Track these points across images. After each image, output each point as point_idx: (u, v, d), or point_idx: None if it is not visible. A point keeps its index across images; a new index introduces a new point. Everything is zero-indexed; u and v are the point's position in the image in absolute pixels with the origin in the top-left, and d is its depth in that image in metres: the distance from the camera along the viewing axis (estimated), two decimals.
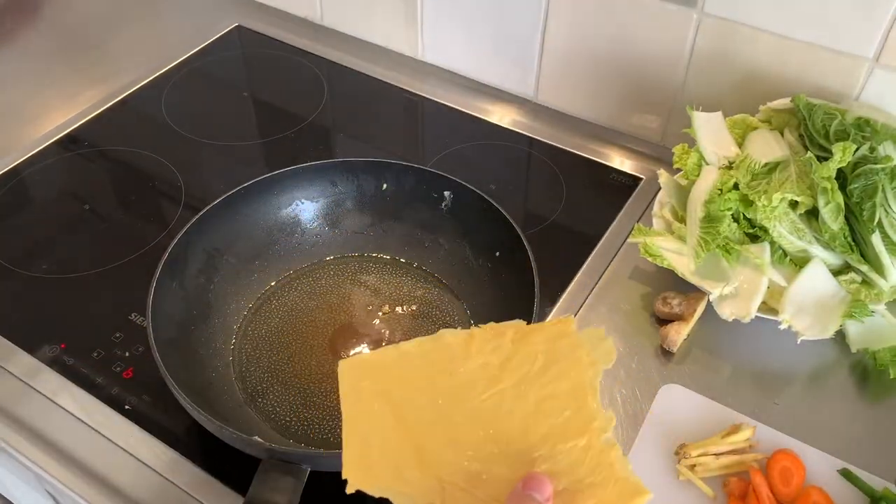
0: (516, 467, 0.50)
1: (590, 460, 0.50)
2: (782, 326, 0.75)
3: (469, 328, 0.55)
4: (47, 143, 1.03)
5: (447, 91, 1.13)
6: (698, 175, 0.83)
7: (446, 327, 0.80)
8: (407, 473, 0.50)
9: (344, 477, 0.50)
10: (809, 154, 0.78)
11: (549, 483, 0.47)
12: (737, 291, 0.77)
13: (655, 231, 0.84)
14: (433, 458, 0.50)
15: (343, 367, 0.54)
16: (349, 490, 0.49)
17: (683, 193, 0.85)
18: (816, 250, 0.78)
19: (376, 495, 0.49)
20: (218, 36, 1.23)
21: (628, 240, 0.87)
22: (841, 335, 0.79)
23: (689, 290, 0.81)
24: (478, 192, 0.82)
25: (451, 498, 0.49)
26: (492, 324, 0.55)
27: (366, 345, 0.80)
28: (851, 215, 0.77)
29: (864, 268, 0.77)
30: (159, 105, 1.10)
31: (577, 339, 0.54)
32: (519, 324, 0.55)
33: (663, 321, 0.82)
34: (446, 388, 0.53)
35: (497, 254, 0.81)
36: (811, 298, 0.76)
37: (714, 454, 0.69)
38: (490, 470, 0.50)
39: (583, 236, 0.92)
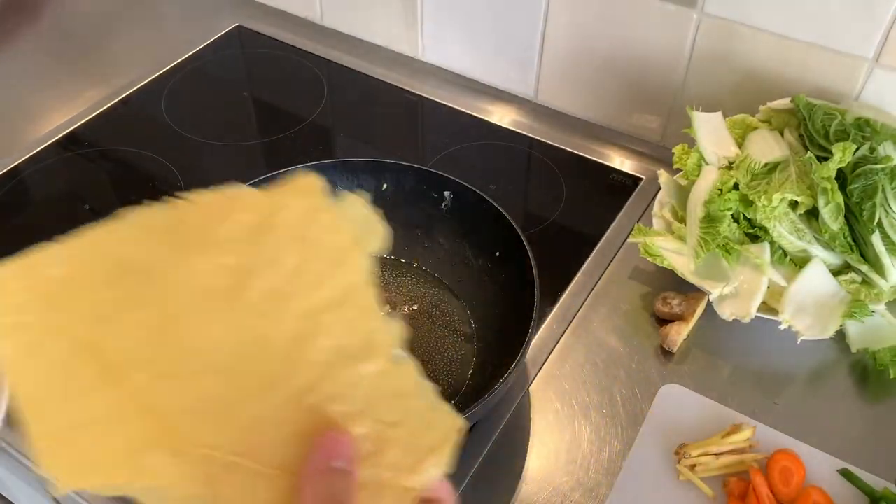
0: (299, 417, 0.34)
1: (386, 391, 0.37)
2: (782, 326, 0.75)
3: (178, 202, 0.38)
4: (47, 143, 1.03)
5: (447, 91, 1.13)
6: (698, 175, 0.83)
7: (447, 327, 0.80)
8: (148, 458, 0.32)
9: (48, 474, 0.33)
10: (809, 154, 0.78)
11: (351, 441, 0.35)
12: (737, 291, 0.77)
13: (655, 231, 0.84)
14: (179, 427, 0.33)
15: None
16: (59, 492, 0.34)
17: (683, 193, 0.85)
18: (816, 250, 0.78)
19: (110, 494, 0.33)
20: (218, 36, 1.23)
21: (628, 240, 0.87)
22: (841, 335, 0.78)
23: (689, 290, 0.81)
24: (478, 192, 0.82)
25: (222, 479, 0.33)
26: (210, 195, 0.39)
27: None
28: (851, 215, 0.77)
29: (864, 268, 0.77)
30: (159, 105, 1.10)
31: (334, 215, 0.39)
32: (251, 196, 0.38)
33: (663, 321, 0.82)
34: (163, 310, 0.35)
35: (497, 254, 0.81)
36: (811, 298, 0.76)
37: (714, 454, 0.69)
38: (265, 427, 0.34)
39: (583, 236, 0.92)
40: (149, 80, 1.14)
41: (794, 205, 0.78)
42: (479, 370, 0.77)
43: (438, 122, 1.09)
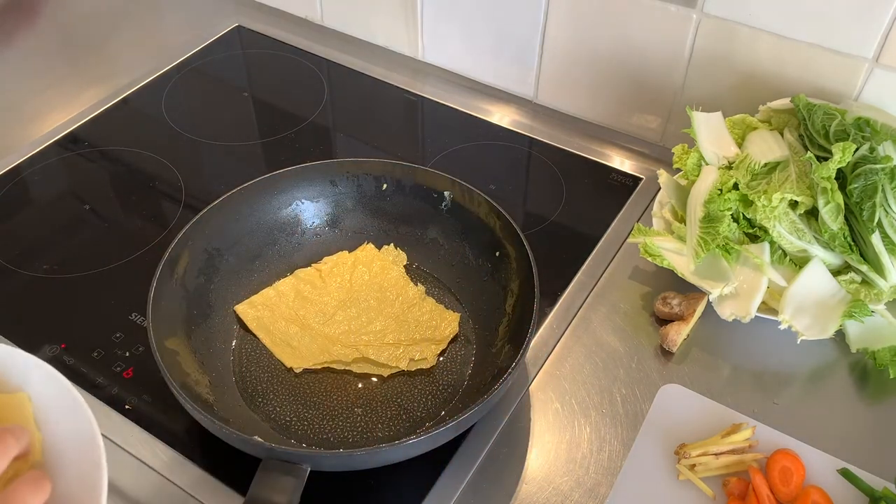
0: (384, 319, 0.81)
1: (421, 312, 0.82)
2: (782, 326, 0.75)
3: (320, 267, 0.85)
4: (47, 143, 1.03)
5: (447, 91, 1.13)
6: (698, 175, 0.84)
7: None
8: (332, 349, 0.78)
9: (290, 366, 0.77)
10: (809, 154, 0.78)
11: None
12: (736, 291, 0.77)
13: (655, 231, 0.84)
14: (325, 337, 0.79)
15: (240, 309, 0.81)
16: (297, 369, 0.76)
17: (683, 193, 0.85)
18: (816, 250, 0.78)
19: (310, 365, 0.77)
20: (218, 36, 1.23)
21: (628, 240, 0.87)
22: (841, 335, 0.79)
23: (688, 290, 0.81)
24: (478, 192, 0.82)
25: (336, 352, 0.78)
26: (326, 262, 0.86)
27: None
28: (851, 215, 0.77)
29: (864, 268, 0.77)
30: (159, 105, 1.10)
31: (379, 254, 0.86)
32: (342, 257, 0.86)
33: (663, 321, 0.82)
34: (312, 303, 0.82)
35: (497, 254, 0.81)
36: (811, 298, 0.76)
37: (714, 454, 0.69)
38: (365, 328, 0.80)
39: (583, 236, 0.92)
40: (149, 80, 1.14)
41: (793, 205, 0.78)
42: (479, 370, 0.77)
43: (438, 122, 1.09)
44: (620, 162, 1.02)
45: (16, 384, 0.53)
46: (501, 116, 1.09)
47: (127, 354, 0.79)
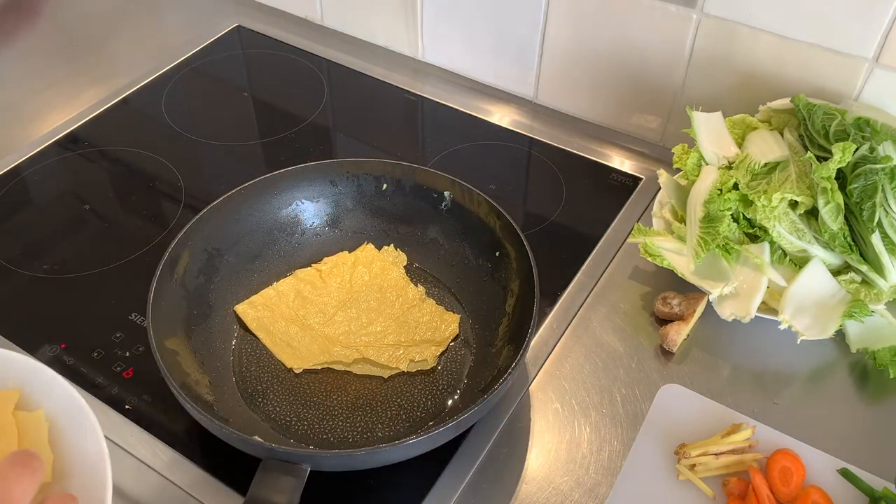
0: (384, 319, 0.81)
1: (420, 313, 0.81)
2: (782, 326, 0.75)
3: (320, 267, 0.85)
4: (47, 143, 1.03)
5: (447, 91, 1.13)
6: (698, 175, 0.84)
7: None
8: (332, 350, 0.78)
9: (290, 366, 0.77)
10: (809, 154, 0.78)
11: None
12: (736, 291, 0.77)
13: (655, 231, 0.84)
14: (325, 338, 0.79)
15: (240, 309, 0.81)
16: (297, 369, 0.77)
17: (683, 193, 0.85)
18: (816, 250, 0.78)
19: (310, 365, 0.77)
20: (218, 36, 1.23)
21: (628, 240, 0.87)
22: (841, 335, 0.79)
23: (688, 290, 0.81)
24: (478, 192, 0.82)
25: (336, 353, 0.78)
26: (326, 263, 0.86)
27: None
28: (851, 215, 0.77)
29: (864, 268, 0.77)
30: (159, 105, 1.10)
31: (379, 254, 0.86)
32: (342, 257, 0.86)
33: (663, 321, 0.82)
34: (312, 303, 0.83)
35: (497, 254, 0.81)
36: (811, 298, 0.76)
37: (714, 454, 0.69)
38: (363, 329, 0.81)
39: (583, 236, 0.92)
40: (149, 80, 1.14)
41: (793, 205, 0.78)
42: (479, 370, 0.77)
43: (438, 122, 1.09)
44: (620, 162, 1.02)
45: (35, 400, 0.54)
46: (501, 116, 1.09)
47: (127, 354, 0.79)
